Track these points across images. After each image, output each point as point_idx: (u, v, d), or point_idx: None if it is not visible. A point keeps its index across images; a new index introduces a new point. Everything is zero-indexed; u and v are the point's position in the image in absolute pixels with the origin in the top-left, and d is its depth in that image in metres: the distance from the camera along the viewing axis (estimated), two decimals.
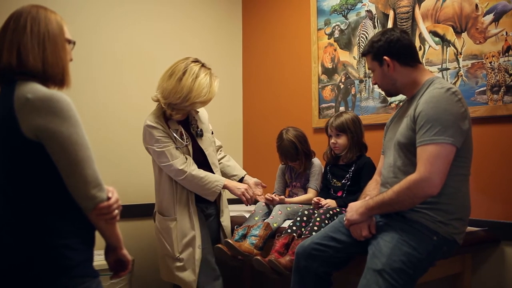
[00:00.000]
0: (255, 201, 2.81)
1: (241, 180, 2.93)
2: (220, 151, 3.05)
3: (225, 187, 2.70)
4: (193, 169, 2.62)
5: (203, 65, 2.63)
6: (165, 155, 2.58)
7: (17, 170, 1.44)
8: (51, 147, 1.40)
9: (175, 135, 2.64)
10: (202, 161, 2.71)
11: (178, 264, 2.60)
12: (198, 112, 2.79)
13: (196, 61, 2.64)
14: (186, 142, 2.67)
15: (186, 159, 2.62)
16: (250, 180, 2.91)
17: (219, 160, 2.95)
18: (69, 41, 1.59)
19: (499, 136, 2.39)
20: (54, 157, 1.41)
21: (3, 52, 1.47)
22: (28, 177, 1.44)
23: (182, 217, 2.63)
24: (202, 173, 2.64)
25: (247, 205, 2.75)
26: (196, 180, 2.60)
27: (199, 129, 2.75)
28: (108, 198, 1.48)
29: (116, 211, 1.51)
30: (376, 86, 2.69)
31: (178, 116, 2.63)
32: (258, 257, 2.30)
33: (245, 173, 2.99)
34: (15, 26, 1.48)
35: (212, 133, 2.86)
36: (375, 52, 2.09)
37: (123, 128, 3.29)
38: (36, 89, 1.42)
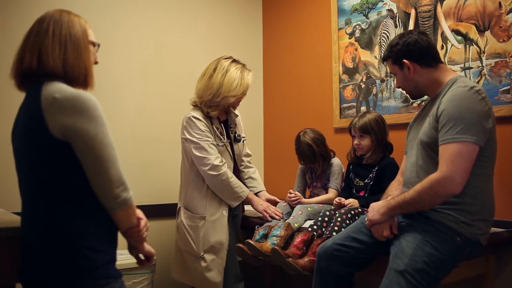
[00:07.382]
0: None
1: (256, 194, 2.90)
2: (250, 161, 3.02)
3: (248, 199, 2.73)
4: (228, 170, 2.66)
5: (234, 60, 2.70)
6: (204, 148, 2.62)
7: (46, 170, 1.46)
8: (77, 145, 1.43)
9: (217, 131, 2.70)
10: (233, 165, 2.75)
11: (203, 264, 2.61)
12: (237, 116, 2.86)
13: (227, 58, 2.71)
14: (226, 141, 2.73)
15: (222, 160, 2.66)
16: (264, 196, 2.87)
17: (244, 169, 2.96)
18: (93, 44, 1.61)
19: None
20: (80, 156, 1.44)
21: (25, 54, 1.51)
22: (56, 178, 1.46)
23: (213, 217, 2.65)
24: (233, 176, 2.67)
25: (269, 221, 2.68)
26: (227, 181, 2.63)
27: (237, 134, 2.82)
28: (138, 221, 1.57)
29: (146, 233, 1.61)
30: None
31: (214, 113, 2.69)
32: (277, 248, 2.28)
33: (264, 189, 2.96)
34: (38, 30, 1.52)
35: (244, 142, 2.90)
36: (394, 56, 2.10)
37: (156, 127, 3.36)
38: (63, 89, 1.45)
